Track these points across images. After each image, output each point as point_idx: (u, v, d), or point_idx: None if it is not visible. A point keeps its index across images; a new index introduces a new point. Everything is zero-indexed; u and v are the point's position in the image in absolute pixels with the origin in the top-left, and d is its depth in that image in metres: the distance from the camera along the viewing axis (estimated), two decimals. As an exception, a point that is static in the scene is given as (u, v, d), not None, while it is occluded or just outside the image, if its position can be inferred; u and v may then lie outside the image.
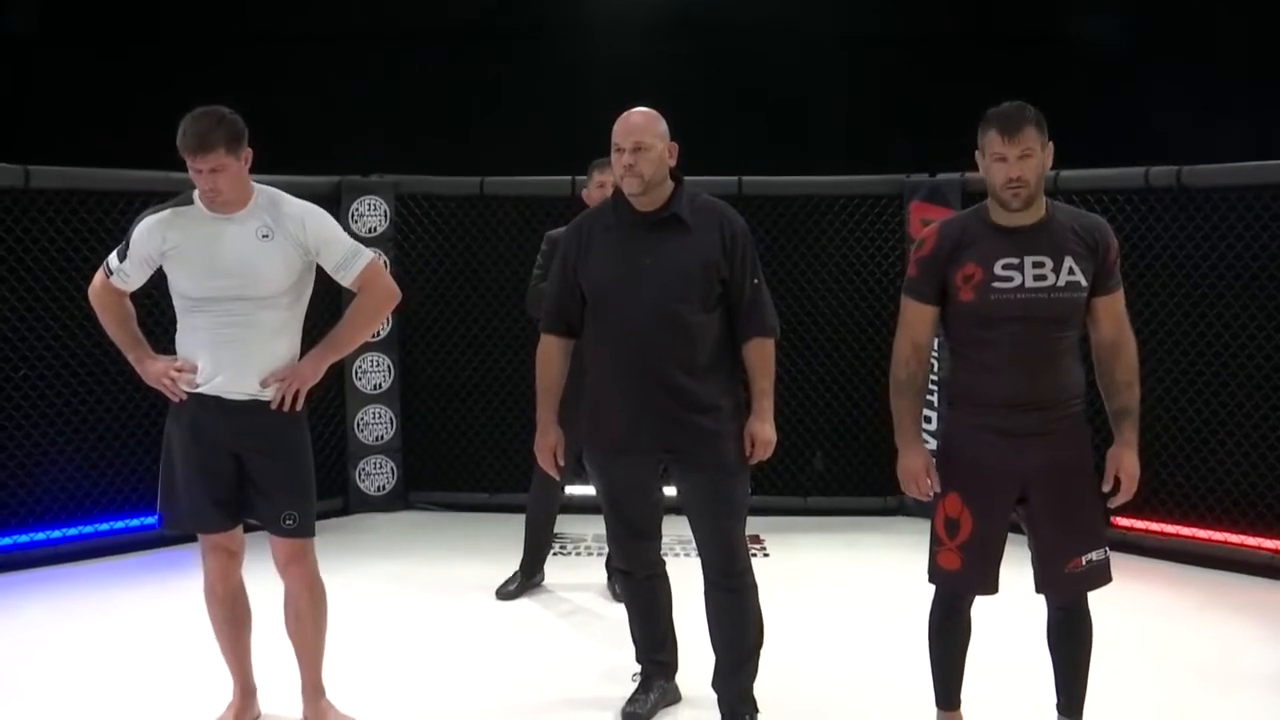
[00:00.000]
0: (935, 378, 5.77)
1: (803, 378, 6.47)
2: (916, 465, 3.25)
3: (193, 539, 3.64)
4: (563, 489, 5.00)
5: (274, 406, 3.45)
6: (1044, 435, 3.14)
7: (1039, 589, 3.28)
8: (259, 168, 3.44)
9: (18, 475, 5.56)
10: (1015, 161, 3.06)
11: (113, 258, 3.51)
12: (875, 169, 6.48)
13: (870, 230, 6.43)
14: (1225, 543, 5.45)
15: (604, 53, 7.28)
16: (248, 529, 3.61)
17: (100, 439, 5.75)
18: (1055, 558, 3.21)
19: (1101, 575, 3.24)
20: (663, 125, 3.47)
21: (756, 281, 3.51)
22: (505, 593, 5.08)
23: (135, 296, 3.60)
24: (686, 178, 3.54)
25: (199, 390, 3.43)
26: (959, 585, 3.28)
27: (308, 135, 6.88)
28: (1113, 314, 3.21)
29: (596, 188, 4.78)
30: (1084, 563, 3.20)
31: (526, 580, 5.14)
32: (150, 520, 5.68)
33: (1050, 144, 3.13)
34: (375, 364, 6.56)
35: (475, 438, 6.64)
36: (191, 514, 3.51)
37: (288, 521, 3.50)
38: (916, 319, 3.26)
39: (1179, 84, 6.56)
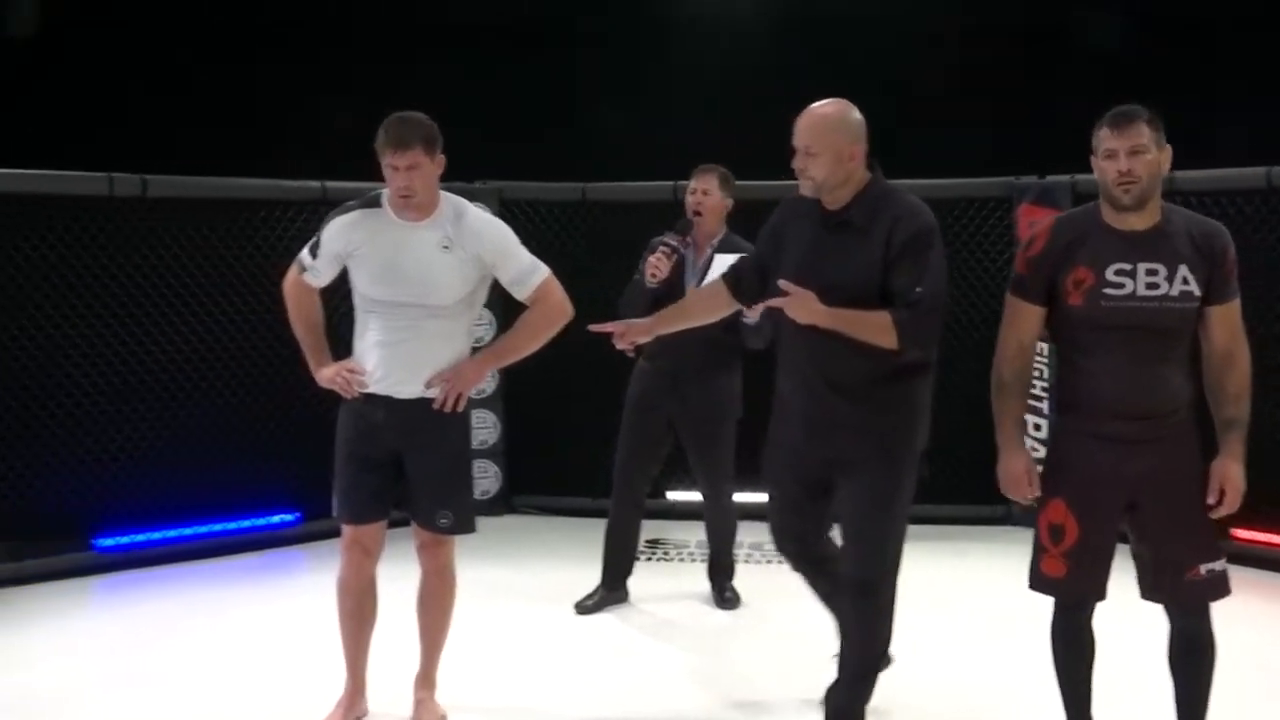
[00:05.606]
0: (1045, 383, 5.65)
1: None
2: (1017, 468, 3.18)
3: (332, 535, 3.71)
4: (645, 498, 4.95)
5: (435, 407, 3.53)
6: (1152, 442, 3.05)
7: (1152, 598, 3.17)
8: (369, 175, 3.50)
9: (166, 473, 5.73)
10: (1125, 156, 2.98)
11: (305, 254, 3.64)
12: (983, 171, 6.36)
13: (978, 233, 6.33)
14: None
15: (706, 53, 7.23)
16: (392, 524, 3.71)
17: (227, 439, 5.85)
18: (1173, 567, 3.10)
19: (1221, 586, 3.12)
20: (838, 126, 3.36)
21: (919, 290, 3.25)
22: (584, 607, 4.96)
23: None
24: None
25: (369, 390, 3.55)
26: (1062, 592, 3.19)
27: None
28: (1228, 324, 3.11)
29: (692, 194, 4.79)
30: (1203, 572, 3.08)
31: (608, 594, 5.00)
32: (289, 517, 5.98)
33: (1168, 148, 3.04)
34: (479, 368, 6.58)
35: (579, 442, 6.63)
36: (347, 504, 3.63)
37: (442, 521, 3.62)
38: (1023, 318, 3.18)
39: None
